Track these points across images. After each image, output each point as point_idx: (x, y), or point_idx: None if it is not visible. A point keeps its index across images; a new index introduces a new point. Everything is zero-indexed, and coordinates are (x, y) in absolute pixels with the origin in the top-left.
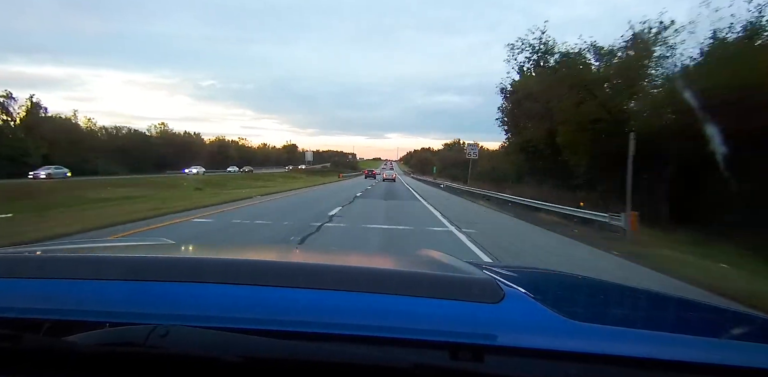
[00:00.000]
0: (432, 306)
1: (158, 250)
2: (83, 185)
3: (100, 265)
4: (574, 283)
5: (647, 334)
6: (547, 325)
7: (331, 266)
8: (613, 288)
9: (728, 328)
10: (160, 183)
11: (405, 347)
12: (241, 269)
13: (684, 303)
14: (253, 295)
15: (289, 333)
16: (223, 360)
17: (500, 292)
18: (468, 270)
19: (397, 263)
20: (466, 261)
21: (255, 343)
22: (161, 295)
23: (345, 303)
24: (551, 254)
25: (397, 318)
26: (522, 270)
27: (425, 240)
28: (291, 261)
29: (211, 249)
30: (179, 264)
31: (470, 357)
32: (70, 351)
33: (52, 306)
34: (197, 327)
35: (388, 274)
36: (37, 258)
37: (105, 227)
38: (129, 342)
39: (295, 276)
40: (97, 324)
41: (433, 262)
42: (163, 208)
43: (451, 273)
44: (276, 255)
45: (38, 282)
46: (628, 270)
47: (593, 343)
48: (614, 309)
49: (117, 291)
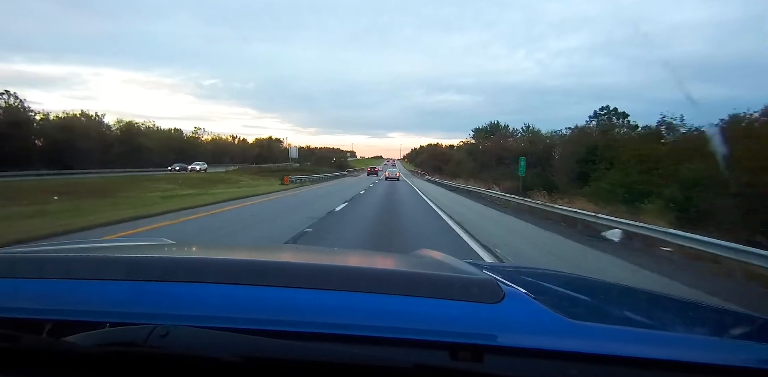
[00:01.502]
0: (432, 306)
1: (158, 250)
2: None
3: (100, 265)
4: (574, 283)
5: (647, 334)
6: (547, 325)
7: (331, 267)
8: (613, 288)
9: (728, 328)
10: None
11: (405, 347)
12: (241, 269)
13: (684, 303)
14: (254, 295)
15: (289, 333)
16: (224, 360)
17: (500, 292)
18: (468, 270)
19: (397, 264)
20: (466, 261)
21: (255, 343)
22: (161, 295)
23: (345, 303)
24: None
25: (397, 318)
26: (522, 270)
27: None
28: (291, 261)
29: (212, 249)
30: (179, 264)
31: (470, 357)
32: (70, 351)
33: (52, 306)
34: (197, 327)
35: (388, 274)
36: (37, 258)
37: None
38: (129, 342)
39: (295, 276)
40: (97, 324)
41: (433, 262)
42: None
43: (451, 273)
44: (276, 255)
45: (38, 282)
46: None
47: (593, 343)
48: (614, 309)
49: (117, 291)
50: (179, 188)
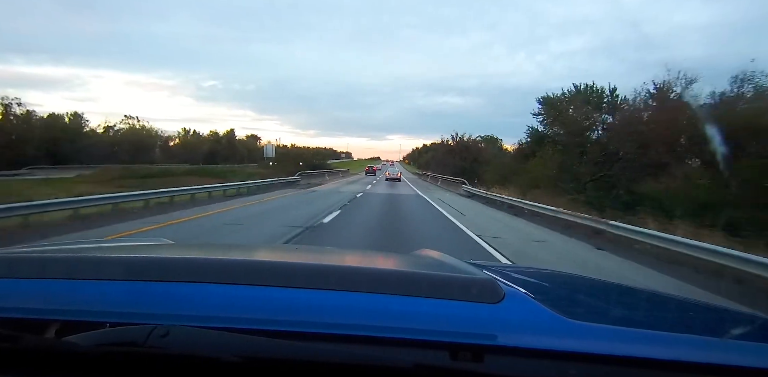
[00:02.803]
0: (432, 306)
1: (158, 250)
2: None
3: (100, 265)
4: (574, 283)
5: (647, 334)
6: (547, 325)
7: (331, 267)
8: (613, 287)
9: (728, 328)
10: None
11: (405, 347)
12: (241, 269)
13: (684, 303)
14: (253, 295)
15: (289, 333)
16: (223, 360)
17: (500, 292)
18: (468, 270)
19: (397, 264)
20: (466, 261)
21: (255, 343)
22: (161, 295)
23: (345, 303)
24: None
25: (397, 318)
26: (522, 270)
27: None
28: (291, 261)
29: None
30: (179, 264)
31: (470, 357)
32: (71, 351)
33: (52, 306)
34: (197, 327)
35: (388, 274)
36: (37, 258)
37: None
38: (129, 342)
39: (294, 276)
40: (97, 324)
41: (433, 262)
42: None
43: (451, 273)
44: (276, 255)
45: (38, 282)
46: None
47: (593, 343)
48: (614, 309)
49: (117, 291)
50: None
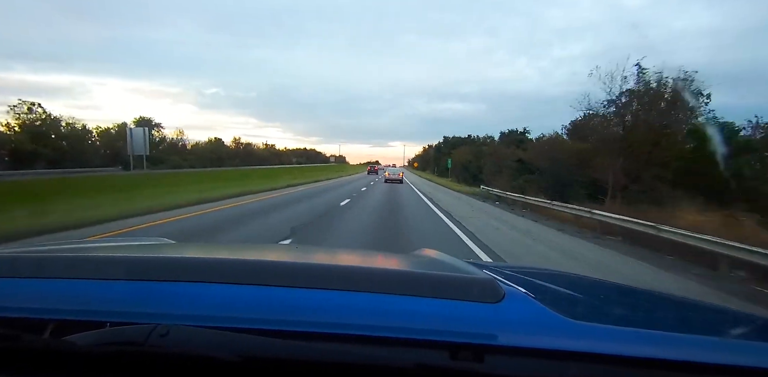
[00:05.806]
0: (432, 305)
1: (158, 250)
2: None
3: (100, 265)
4: (574, 283)
5: (647, 334)
6: (547, 325)
7: (331, 266)
8: (613, 287)
9: (728, 328)
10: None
11: (405, 347)
12: (241, 268)
13: (684, 302)
14: (254, 295)
15: (289, 333)
16: (224, 360)
17: (500, 292)
18: (468, 270)
19: (397, 263)
20: (466, 261)
21: (255, 343)
22: (162, 295)
23: (345, 302)
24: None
25: (397, 318)
26: (522, 270)
27: None
28: (292, 261)
29: (212, 249)
30: (180, 264)
31: (470, 357)
32: (71, 350)
33: (52, 305)
34: (198, 326)
35: (387, 274)
36: (37, 258)
37: None
38: (129, 342)
39: (295, 276)
40: (97, 324)
41: (433, 262)
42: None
43: (451, 273)
44: (277, 255)
45: (38, 282)
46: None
47: (593, 343)
48: (614, 308)
49: (117, 290)
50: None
